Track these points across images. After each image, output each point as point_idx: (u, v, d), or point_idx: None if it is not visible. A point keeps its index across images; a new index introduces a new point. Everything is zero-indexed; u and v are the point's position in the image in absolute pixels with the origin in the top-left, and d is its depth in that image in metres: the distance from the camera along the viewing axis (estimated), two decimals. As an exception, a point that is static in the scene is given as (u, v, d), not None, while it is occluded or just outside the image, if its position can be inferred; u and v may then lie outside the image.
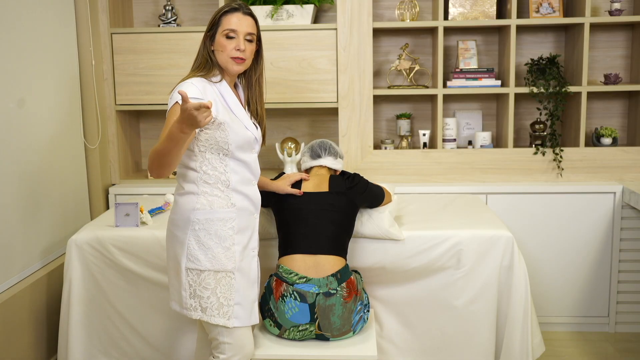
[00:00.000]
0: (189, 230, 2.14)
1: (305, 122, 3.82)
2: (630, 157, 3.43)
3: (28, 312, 2.73)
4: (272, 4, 3.44)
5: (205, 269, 2.14)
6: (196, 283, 2.15)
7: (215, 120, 2.11)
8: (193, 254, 2.14)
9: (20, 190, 2.71)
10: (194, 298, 2.15)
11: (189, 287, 2.15)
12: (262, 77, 2.33)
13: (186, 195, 2.17)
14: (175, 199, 2.21)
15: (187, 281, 2.15)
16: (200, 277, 2.14)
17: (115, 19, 3.53)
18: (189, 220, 2.14)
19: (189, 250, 2.14)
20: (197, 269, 2.14)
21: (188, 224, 2.14)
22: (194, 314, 2.16)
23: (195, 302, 2.15)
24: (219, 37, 2.17)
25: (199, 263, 2.14)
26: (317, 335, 2.39)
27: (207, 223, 2.15)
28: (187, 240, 2.14)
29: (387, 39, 3.72)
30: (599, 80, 3.65)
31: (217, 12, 2.21)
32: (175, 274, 2.20)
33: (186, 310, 2.17)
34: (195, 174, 2.16)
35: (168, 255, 2.24)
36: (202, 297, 2.15)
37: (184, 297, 2.16)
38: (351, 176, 2.63)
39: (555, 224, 3.36)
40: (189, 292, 2.16)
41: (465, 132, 3.75)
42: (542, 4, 3.47)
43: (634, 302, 3.38)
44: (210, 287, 2.15)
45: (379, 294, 2.76)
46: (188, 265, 2.14)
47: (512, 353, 2.66)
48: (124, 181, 3.59)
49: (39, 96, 2.87)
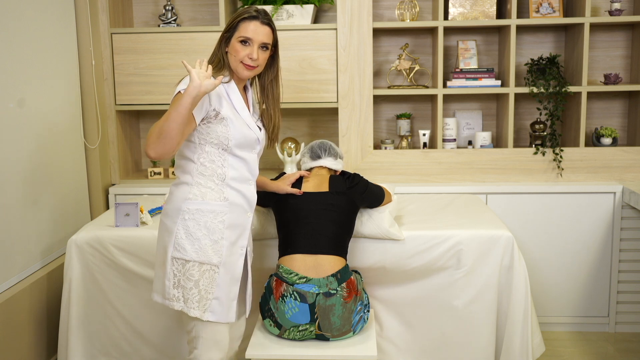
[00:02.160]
0: (178, 220, 2.15)
1: (305, 122, 3.82)
2: (630, 157, 3.43)
3: (28, 312, 2.73)
4: (272, 4, 3.44)
5: (191, 259, 2.14)
6: (180, 273, 2.14)
7: (219, 114, 2.13)
8: (180, 243, 2.14)
9: (20, 190, 2.71)
10: (177, 288, 2.15)
11: (173, 277, 2.15)
12: (276, 80, 2.34)
13: (180, 185, 2.19)
14: (171, 190, 2.23)
15: (171, 270, 2.15)
16: (185, 267, 2.14)
17: (115, 19, 3.53)
18: (179, 209, 2.15)
19: (177, 239, 2.14)
20: (183, 258, 2.14)
21: (178, 213, 2.15)
22: (176, 305, 2.15)
23: (178, 293, 2.15)
24: (234, 41, 2.18)
25: (185, 253, 2.14)
26: (317, 336, 2.39)
27: (197, 214, 2.16)
28: (175, 229, 2.15)
29: (387, 39, 3.72)
30: (599, 80, 3.65)
31: (236, 16, 2.20)
32: (160, 263, 2.20)
33: (168, 301, 2.16)
34: (192, 165, 2.17)
35: (157, 246, 2.24)
36: (185, 288, 2.14)
37: (167, 287, 2.16)
38: (351, 176, 2.63)
39: (555, 224, 3.36)
40: (172, 282, 2.15)
41: (465, 132, 3.75)
42: (542, 4, 3.47)
43: (634, 302, 3.38)
44: (193, 278, 2.15)
45: (379, 294, 2.76)
46: (174, 254, 2.14)
47: (512, 353, 2.66)
48: (124, 181, 3.59)
49: (39, 96, 2.87)
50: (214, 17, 3.70)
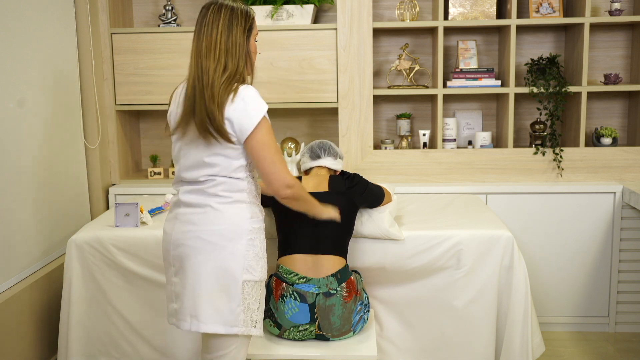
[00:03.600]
0: (245, 240, 2.03)
1: (305, 122, 3.82)
2: (630, 157, 3.43)
3: (28, 312, 2.73)
4: (272, 4, 3.44)
5: (259, 279, 2.06)
6: (250, 295, 2.03)
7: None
8: (251, 265, 2.03)
9: (20, 190, 2.71)
10: (246, 312, 2.02)
11: (243, 302, 2.01)
12: None
13: (235, 204, 2.04)
14: (216, 208, 2.03)
15: (242, 294, 2.01)
16: (254, 289, 2.04)
17: (115, 19, 3.53)
18: (244, 229, 2.03)
19: (247, 261, 2.02)
20: (253, 280, 2.03)
21: (243, 233, 2.03)
22: (244, 330, 2.02)
23: (246, 317, 2.03)
24: (252, 41, 2.11)
25: (255, 274, 2.04)
26: (317, 336, 2.39)
27: (259, 232, 2.08)
28: (244, 250, 2.02)
29: (387, 39, 3.72)
30: (599, 80, 3.65)
31: (247, 15, 2.09)
32: (220, 290, 2.01)
33: (237, 328, 2.01)
34: (243, 184, 2.06)
35: (199, 273, 2.02)
36: (253, 310, 2.04)
37: (237, 314, 2.00)
38: (351, 176, 2.63)
39: (555, 224, 3.36)
40: (242, 307, 2.01)
41: (465, 132, 3.75)
42: (542, 4, 3.47)
43: (634, 302, 3.38)
44: (259, 298, 2.06)
45: (379, 294, 2.76)
46: (246, 277, 2.01)
47: (512, 353, 2.65)
48: (124, 181, 3.59)
49: (39, 96, 2.87)
50: (214, 17, 3.70)
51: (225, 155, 2.02)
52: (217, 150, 2.01)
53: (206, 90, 1.98)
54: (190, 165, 2.07)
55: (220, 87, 1.97)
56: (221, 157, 2.02)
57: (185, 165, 2.08)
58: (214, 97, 1.97)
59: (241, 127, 1.97)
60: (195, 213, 2.05)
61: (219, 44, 2.01)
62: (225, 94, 1.98)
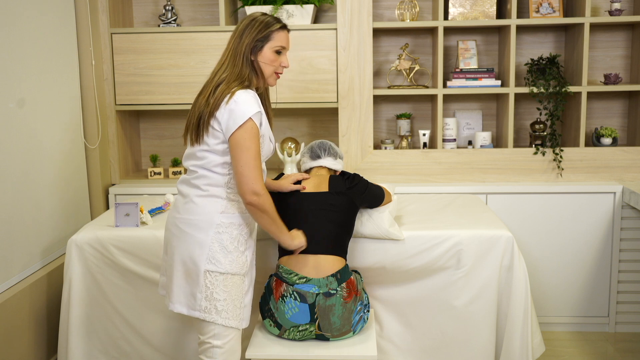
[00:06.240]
0: (211, 232, 2.15)
1: (305, 122, 3.82)
2: (630, 157, 3.43)
3: (28, 312, 2.73)
4: (272, 4, 3.44)
5: (225, 271, 2.16)
6: (214, 285, 2.14)
7: (263, 135, 2.18)
8: (215, 257, 2.15)
9: (20, 190, 2.71)
10: (209, 300, 2.15)
11: (205, 289, 2.15)
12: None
13: (210, 197, 2.18)
14: (194, 201, 2.18)
15: (204, 283, 2.14)
16: (219, 280, 2.15)
17: (115, 19, 3.53)
18: (212, 222, 2.16)
19: (211, 253, 2.15)
20: (217, 271, 2.15)
21: (211, 226, 2.16)
22: (207, 316, 2.15)
23: (210, 305, 2.15)
24: (268, 51, 2.21)
25: (220, 265, 2.15)
26: (317, 336, 2.39)
27: (230, 227, 2.18)
28: (209, 242, 2.15)
29: (387, 39, 3.72)
30: (599, 80, 3.65)
31: (266, 26, 2.20)
32: (185, 275, 2.18)
33: (198, 312, 2.16)
34: (222, 178, 2.18)
35: (174, 256, 2.20)
36: (218, 300, 2.15)
37: (198, 299, 2.15)
38: (351, 176, 2.63)
39: (555, 224, 3.36)
40: (204, 294, 2.15)
41: (465, 132, 3.75)
42: (542, 4, 3.47)
43: (634, 302, 3.38)
44: (227, 289, 2.16)
45: (379, 294, 2.76)
46: (208, 267, 2.14)
47: (512, 353, 2.66)
48: (124, 181, 3.59)
49: (39, 96, 2.87)
50: (213, 17, 3.70)
51: (213, 152, 2.16)
52: (209, 147, 2.16)
53: (207, 88, 2.18)
54: (186, 154, 2.25)
55: (218, 87, 2.15)
56: (210, 153, 2.17)
57: (185, 153, 2.27)
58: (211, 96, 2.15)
59: (227, 126, 2.11)
60: (181, 202, 2.23)
61: (229, 49, 2.21)
62: (221, 95, 2.13)
